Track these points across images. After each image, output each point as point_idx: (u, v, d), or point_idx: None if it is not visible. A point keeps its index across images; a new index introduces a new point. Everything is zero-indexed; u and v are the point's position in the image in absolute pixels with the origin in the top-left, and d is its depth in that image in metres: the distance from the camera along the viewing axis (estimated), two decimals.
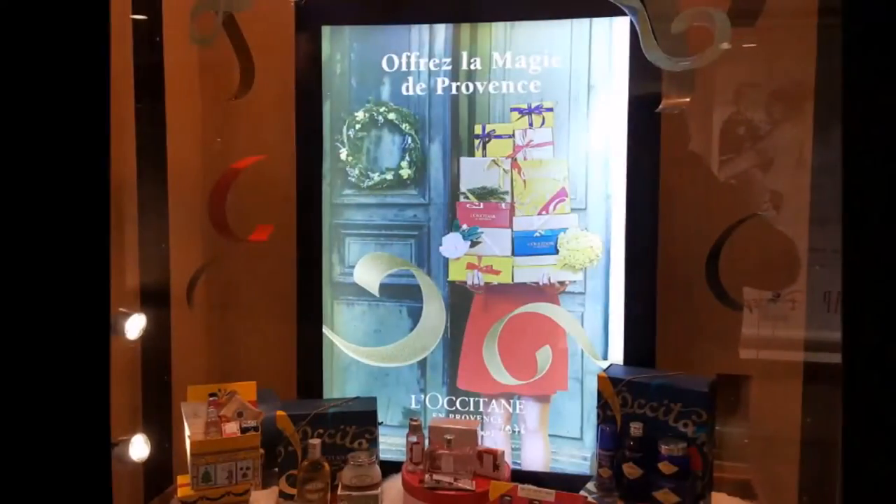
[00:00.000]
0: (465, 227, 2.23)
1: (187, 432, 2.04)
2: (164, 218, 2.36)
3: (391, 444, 2.29)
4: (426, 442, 2.14)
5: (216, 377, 2.47)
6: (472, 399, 2.28)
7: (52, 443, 1.31)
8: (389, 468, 2.19)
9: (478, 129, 2.21)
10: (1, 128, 1.25)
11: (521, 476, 2.14)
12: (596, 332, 2.19)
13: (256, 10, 2.14)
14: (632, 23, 1.98)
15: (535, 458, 2.25)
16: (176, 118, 2.38)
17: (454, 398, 2.29)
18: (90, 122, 1.36)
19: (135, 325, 2.22)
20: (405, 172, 2.26)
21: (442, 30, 2.22)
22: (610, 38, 2.13)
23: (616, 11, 1.97)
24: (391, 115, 2.25)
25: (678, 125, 2.25)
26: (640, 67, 2.04)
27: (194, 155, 2.61)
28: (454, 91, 2.22)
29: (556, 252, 2.18)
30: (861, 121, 1.30)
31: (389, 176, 2.27)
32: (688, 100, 2.03)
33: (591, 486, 2.05)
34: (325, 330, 2.34)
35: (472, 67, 2.21)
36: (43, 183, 1.30)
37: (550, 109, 2.17)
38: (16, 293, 1.27)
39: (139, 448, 2.23)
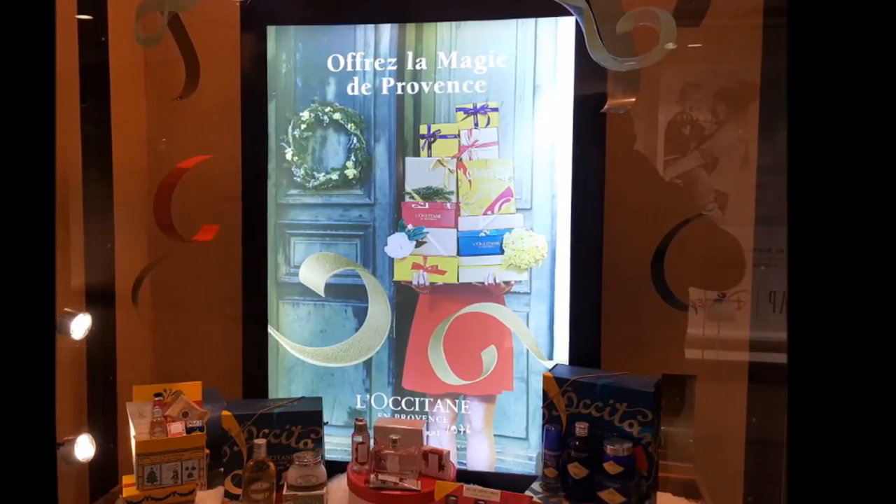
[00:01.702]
0: (410, 227, 2.22)
1: (132, 432, 2.04)
2: (110, 218, 2.36)
3: (336, 444, 2.29)
4: (371, 442, 2.14)
5: (161, 377, 2.45)
6: (417, 399, 2.27)
7: None
8: (335, 468, 2.19)
9: (423, 129, 2.20)
10: None
11: (466, 476, 2.14)
12: (541, 332, 2.18)
13: (201, 9, 2.12)
14: (577, 23, 1.98)
15: (480, 458, 2.24)
16: (121, 118, 2.38)
17: (399, 398, 2.28)
18: (35, 121, 1.35)
19: (80, 325, 2.21)
20: (350, 172, 2.25)
21: (387, 30, 2.21)
22: (555, 38, 2.13)
23: (561, 11, 1.96)
24: (336, 115, 2.24)
25: (624, 125, 2.25)
26: (585, 67, 2.04)
27: (140, 155, 2.60)
28: (399, 91, 2.21)
29: (502, 252, 2.18)
30: (806, 120, 1.30)
31: (335, 176, 2.26)
32: (633, 100, 2.03)
33: (536, 486, 2.05)
34: (270, 330, 2.33)
35: (418, 67, 2.20)
36: None
37: (496, 109, 2.16)
38: None
39: (84, 448, 2.23)
